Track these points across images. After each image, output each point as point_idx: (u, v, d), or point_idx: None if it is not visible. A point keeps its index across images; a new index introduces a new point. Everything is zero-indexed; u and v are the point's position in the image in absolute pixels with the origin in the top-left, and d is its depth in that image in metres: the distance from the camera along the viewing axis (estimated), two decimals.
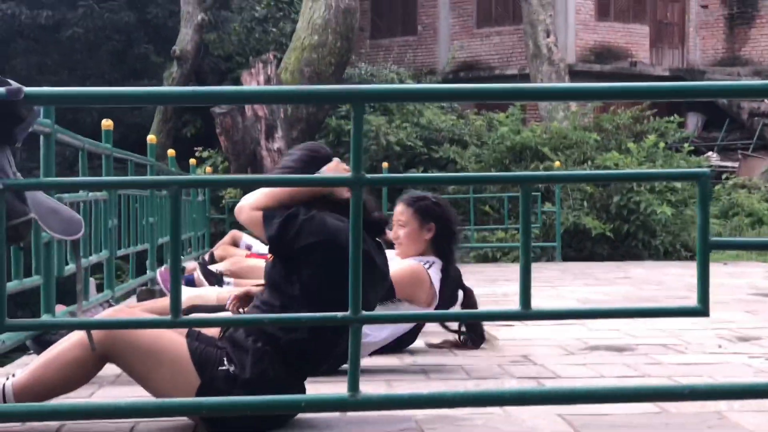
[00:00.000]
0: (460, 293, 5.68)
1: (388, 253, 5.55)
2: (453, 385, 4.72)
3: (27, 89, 2.81)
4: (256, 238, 9.08)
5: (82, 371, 3.70)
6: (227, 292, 7.81)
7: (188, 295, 7.64)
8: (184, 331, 3.77)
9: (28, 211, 3.10)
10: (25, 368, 3.77)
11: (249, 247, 9.52)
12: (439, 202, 5.54)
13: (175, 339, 3.70)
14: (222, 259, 9.05)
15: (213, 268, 7.59)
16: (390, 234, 5.40)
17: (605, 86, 2.92)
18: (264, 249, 9.74)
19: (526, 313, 2.92)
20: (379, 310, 4.53)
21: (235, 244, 9.68)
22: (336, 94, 3.05)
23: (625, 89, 2.91)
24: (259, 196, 3.99)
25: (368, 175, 2.86)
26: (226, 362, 3.68)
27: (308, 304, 3.75)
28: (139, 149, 9.94)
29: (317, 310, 3.54)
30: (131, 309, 4.41)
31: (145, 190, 8.95)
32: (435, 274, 5.41)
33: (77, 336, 3.72)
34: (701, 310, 2.92)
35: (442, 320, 5.37)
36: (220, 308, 6.14)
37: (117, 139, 8.01)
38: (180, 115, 23.60)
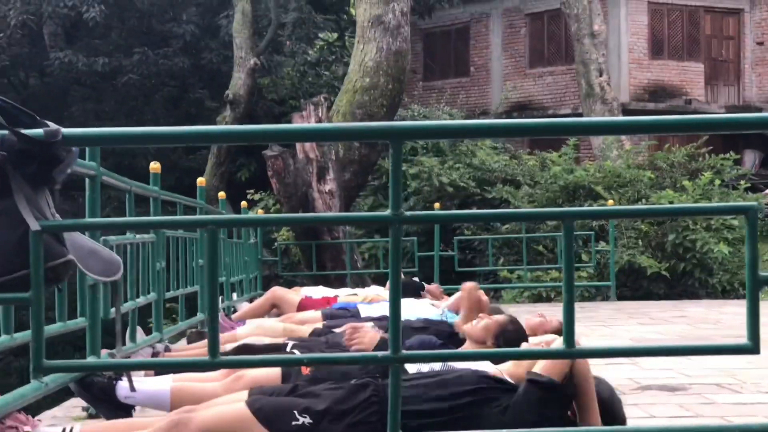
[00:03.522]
0: None
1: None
2: None
3: (64, 130, 2.80)
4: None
5: None
6: (297, 322, 7.71)
7: (250, 326, 7.55)
8: (245, 393, 3.69)
9: (66, 252, 3.08)
10: (90, 425, 3.73)
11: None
12: (519, 330, 5.13)
13: (236, 408, 3.61)
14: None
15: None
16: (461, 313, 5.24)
17: (652, 119, 2.84)
18: (318, 293, 9.66)
19: (569, 352, 2.85)
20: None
21: (275, 305, 9.57)
22: (374, 130, 3.00)
23: (674, 122, 2.83)
24: None
25: (407, 212, 2.81)
26: (297, 414, 3.55)
27: None
28: (193, 193, 9.99)
29: None
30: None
31: (195, 232, 8.97)
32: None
33: (162, 422, 3.67)
34: (751, 347, 2.82)
35: (490, 358, 5.14)
36: (276, 347, 6.00)
37: (172, 184, 8.06)
38: (234, 159, 23.73)
